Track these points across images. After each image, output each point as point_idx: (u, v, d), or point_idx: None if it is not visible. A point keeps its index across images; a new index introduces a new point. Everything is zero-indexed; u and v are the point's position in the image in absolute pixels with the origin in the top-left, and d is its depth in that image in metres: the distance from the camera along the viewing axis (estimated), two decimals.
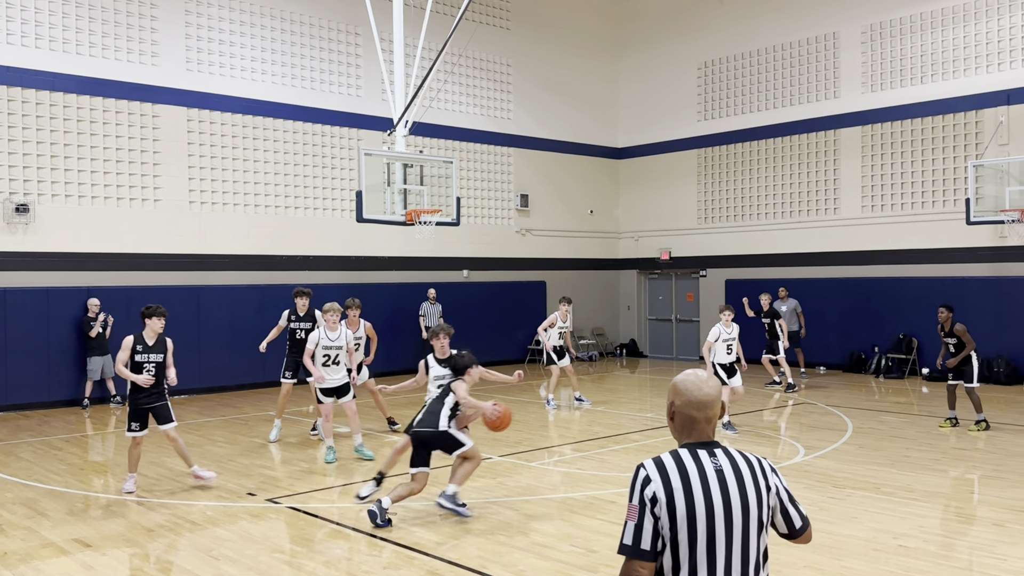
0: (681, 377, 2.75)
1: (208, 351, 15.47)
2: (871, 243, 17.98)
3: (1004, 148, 16.10)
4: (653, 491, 2.55)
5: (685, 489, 2.54)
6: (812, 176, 19.05)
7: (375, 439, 10.99)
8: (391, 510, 7.15)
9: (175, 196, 15.30)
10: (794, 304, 17.34)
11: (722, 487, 2.56)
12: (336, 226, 17.28)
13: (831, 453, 9.83)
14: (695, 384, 2.70)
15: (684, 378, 2.74)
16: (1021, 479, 8.45)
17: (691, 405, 2.68)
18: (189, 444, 10.74)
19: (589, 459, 9.73)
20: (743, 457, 2.65)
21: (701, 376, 2.73)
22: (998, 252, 16.23)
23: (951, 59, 16.86)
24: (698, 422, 2.68)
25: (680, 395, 2.70)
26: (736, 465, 2.62)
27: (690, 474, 2.56)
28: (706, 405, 2.68)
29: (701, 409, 2.68)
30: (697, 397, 2.68)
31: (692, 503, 2.53)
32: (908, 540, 6.53)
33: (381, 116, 17.24)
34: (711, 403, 2.68)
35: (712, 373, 10.63)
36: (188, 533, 6.95)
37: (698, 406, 2.68)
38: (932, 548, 6.36)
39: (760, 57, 19.86)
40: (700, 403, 2.68)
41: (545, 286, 20.94)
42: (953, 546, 6.45)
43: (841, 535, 6.65)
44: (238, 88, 16.10)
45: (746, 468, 2.63)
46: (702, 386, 2.70)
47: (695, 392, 2.69)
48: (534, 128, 20.85)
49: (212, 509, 7.67)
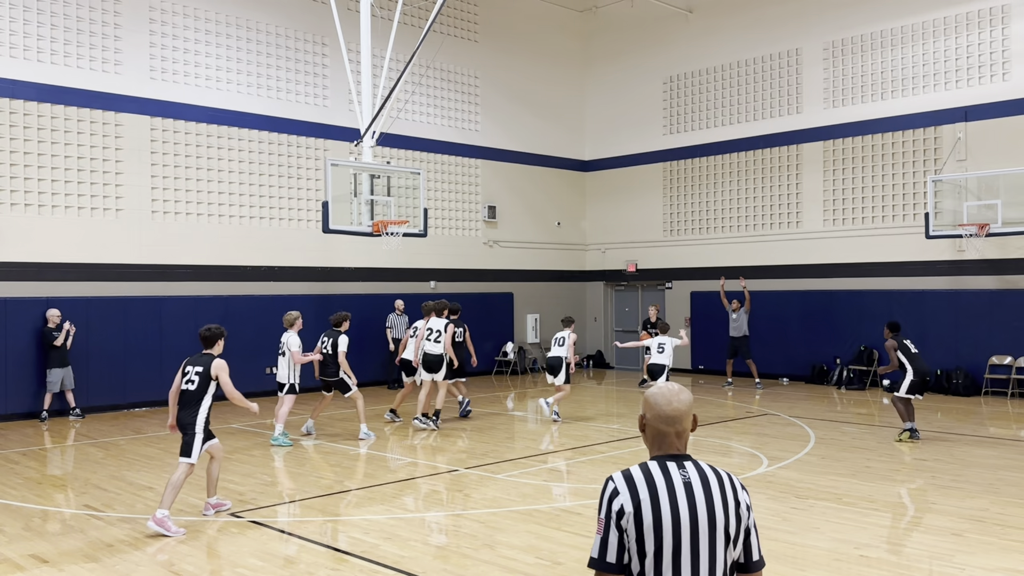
0: (653, 390, 2.78)
1: (170, 363, 15.22)
2: (833, 256, 18.27)
3: (962, 164, 16.46)
4: (620, 504, 2.57)
5: (652, 501, 2.56)
6: (775, 190, 19.33)
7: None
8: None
9: (137, 206, 15.11)
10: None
11: (689, 499, 2.58)
12: (302, 237, 17.17)
13: (793, 464, 9.95)
14: (665, 399, 2.72)
15: (655, 392, 2.76)
16: (978, 489, 8.62)
17: (660, 419, 2.71)
18: (149, 458, 10.60)
19: (555, 471, 9.74)
20: (713, 471, 2.68)
21: (672, 389, 2.75)
22: (956, 265, 16.58)
23: (911, 76, 17.23)
24: (668, 435, 2.71)
25: (650, 408, 2.73)
26: (705, 478, 2.64)
27: (658, 486, 2.59)
28: (675, 419, 2.70)
29: (670, 423, 2.70)
30: (666, 412, 2.71)
31: (659, 515, 2.55)
32: (869, 550, 6.63)
33: (348, 126, 17.20)
34: (680, 417, 2.71)
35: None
36: (148, 549, 6.84)
37: (667, 420, 2.70)
38: (892, 558, 6.46)
39: (724, 72, 20.14)
40: (669, 417, 2.70)
41: (512, 298, 20.98)
42: (913, 555, 6.55)
43: (803, 545, 6.73)
44: (203, 97, 15.96)
45: (715, 481, 2.65)
46: (672, 400, 2.72)
47: (664, 407, 2.71)
48: (502, 140, 20.93)
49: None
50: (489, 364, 20.39)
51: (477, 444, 11.52)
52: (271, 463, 10.24)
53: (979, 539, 6.88)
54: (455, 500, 8.51)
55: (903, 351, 11.39)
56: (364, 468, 10.39)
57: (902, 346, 11.42)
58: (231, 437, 12.05)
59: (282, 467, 10.13)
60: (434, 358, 12.30)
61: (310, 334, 16.93)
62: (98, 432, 12.60)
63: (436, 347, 12.30)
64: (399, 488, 8.94)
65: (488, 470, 9.79)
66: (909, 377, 11.28)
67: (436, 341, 12.33)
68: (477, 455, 10.72)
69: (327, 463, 10.33)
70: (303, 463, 10.33)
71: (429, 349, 12.35)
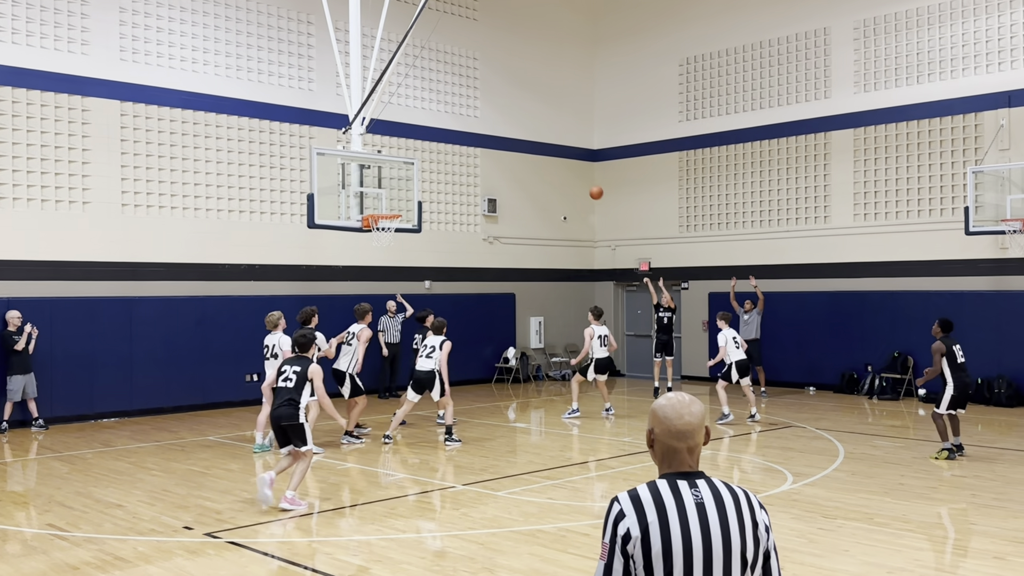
0: (661, 402, 2.73)
1: (141, 370, 15.29)
2: (863, 254, 18.26)
3: (1005, 153, 16.45)
4: (627, 527, 2.55)
5: (661, 524, 2.54)
6: (801, 182, 19.32)
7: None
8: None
9: (106, 198, 15.12)
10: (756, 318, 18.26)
11: (702, 522, 2.56)
12: (285, 232, 17.18)
13: (821, 480, 9.94)
14: (675, 412, 2.68)
15: (664, 404, 2.72)
16: (1022, 508, 8.60)
17: (671, 434, 2.67)
18: (118, 473, 10.60)
19: (561, 488, 9.74)
20: (728, 490, 2.65)
21: (683, 400, 2.70)
22: (999, 264, 16.56)
23: (949, 58, 17.22)
24: (679, 452, 2.67)
25: (659, 423, 2.69)
26: (720, 498, 2.62)
27: (668, 508, 2.57)
28: (687, 435, 2.66)
29: (682, 439, 2.67)
30: (677, 426, 2.67)
31: (668, 539, 2.53)
32: (902, 574, 6.62)
33: (335, 112, 17.21)
34: (692, 432, 2.67)
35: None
36: (117, 572, 6.85)
37: (678, 435, 2.67)
38: None
39: (746, 53, 20.13)
40: (680, 432, 2.67)
41: (514, 299, 20.98)
42: None
43: (831, 569, 6.72)
44: (177, 80, 15.97)
45: (731, 502, 2.62)
46: (683, 413, 2.67)
47: (675, 421, 2.67)
48: (503, 127, 20.93)
49: (144, 544, 7.56)
50: (489, 371, 20.39)
51: (476, 459, 11.51)
52: (251, 478, 10.24)
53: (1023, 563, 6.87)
54: (451, 519, 8.50)
55: (949, 358, 10.97)
56: (353, 484, 10.38)
57: (950, 352, 10.99)
58: (207, 449, 12.06)
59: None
60: (426, 375, 12.31)
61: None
62: (63, 444, 12.61)
63: (428, 363, 12.32)
64: (391, 506, 8.94)
65: (487, 487, 9.78)
66: (949, 392, 10.94)
67: (429, 356, 12.36)
68: (475, 470, 10.71)
69: (312, 479, 10.32)
70: (286, 479, 10.32)
71: (421, 365, 12.39)
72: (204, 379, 15.91)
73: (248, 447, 12.32)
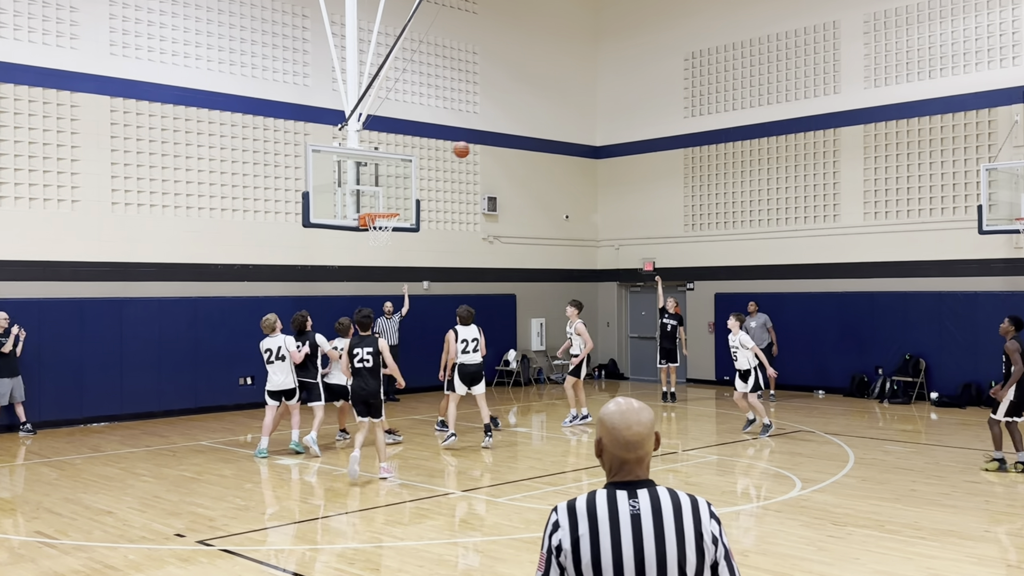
0: (611, 408, 2.68)
1: (132, 372, 15.29)
2: (874, 254, 18.25)
3: (1019, 150, 16.45)
4: (559, 538, 2.57)
5: (592, 536, 2.53)
6: (810, 180, 19.32)
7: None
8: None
9: (96, 196, 15.13)
10: (764, 319, 18.22)
11: (635, 535, 2.52)
12: (280, 231, 17.18)
13: (830, 487, 9.93)
14: (623, 421, 2.63)
15: (612, 412, 2.66)
16: None
17: (618, 445, 2.62)
18: (108, 479, 10.60)
19: (564, 493, 9.74)
20: (673, 500, 2.59)
21: (632, 408, 2.65)
22: (1013, 264, 16.55)
23: (962, 52, 17.22)
24: (627, 462, 2.63)
25: (607, 433, 2.65)
26: (659, 509, 2.57)
27: (599, 519, 2.55)
28: (635, 445, 2.62)
29: (630, 449, 2.62)
30: (625, 436, 2.62)
31: (598, 551, 2.51)
32: None
33: (331, 108, 17.20)
34: (641, 442, 2.62)
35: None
36: None
37: (626, 446, 2.62)
38: None
39: (753, 48, 20.13)
40: (628, 443, 2.62)
41: (515, 300, 20.98)
42: None
43: None
44: (169, 75, 15.98)
45: (670, 513, 2.57)
46: (631, 423, 2.62)
47: (623, 431, 2.62)
48: (503, 123, 20.93)
49: (135, 552, 7.56)
50: (489, 374, 20.38)
51: (476, 464, 11.51)
52: (245, 484, 10.24)
53: None
54: (451, 527, 8.50)
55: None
56: (350, 491, 10.39)
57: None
58: (199, 455, 12.06)
59: (257, 489, 10.12)
60: (476, 368, 12.67)
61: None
62: (51, 449, 12.61)
63: (476, 356, 12.68)
64: (388, 513, 8.94)
65: (488, 493, 9.78)
66: (1010, 396, 10.38)
67: (475, 350, 12.67)
68: (474, 477, 10.71)
69: (308, 485, 10.32)
70: (281, 485, 10.33)
71: (470, 360, 12.59)
72: (196, 382, 15.92)
73: (242, 452, 12.32)
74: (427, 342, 19.03)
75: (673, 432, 14.26)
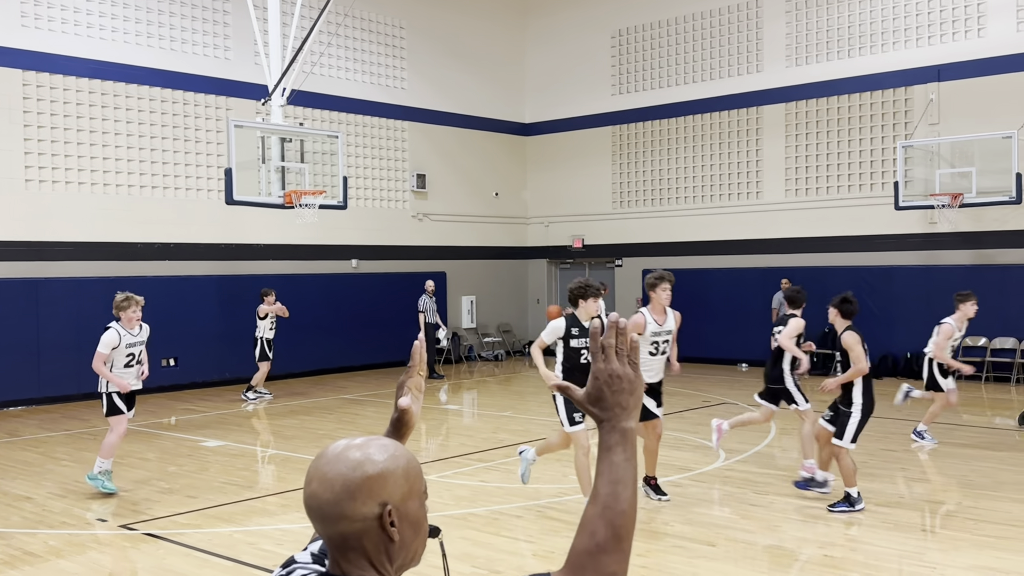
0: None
1: (49, 355, 14.85)
2: (795, 230, 18.66)
3: (934, 128, 16.93)
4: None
5: None
6: (734, 157, 19.62)
7: None
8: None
9: (7, 174, 14.59)
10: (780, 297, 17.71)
11: None
12: (202, 209, 16.82)
13: (752, 457, 10.18)
14: (312, 472, 1.72)
15: (317, 457, 1.77)
16: (951, 481, 8.92)
17: (306, 506, 1.73)
18: (26, 464, 10.31)
19: (494, 470, 9.79)
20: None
21: (333, 453, 1.73)
22: (928, 239, 17.09)
23: (880, 31, 17.62)
24: (327, 539, 1.74)
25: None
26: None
27: None
28: (314, 514, 1.71)
29: (314, 517, 1.72)
30: (305, 495, 1.72)
31: None
32: (834, 549, 6.83)
33: (254, 83, 16.83)
34: (321, 511, 1.70)
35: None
36: (27, 567, 6.67)
37: (307, 510, 1.72)
38: (858, 557, 6.67)
39: (678, 26, 20.30)
40: (307, 507, 1.72)
41: (446, 277, 20.92)
42: (881, 554, 6.77)
43: (763, 545, 6.89)
44: (84, 48, 15.45)
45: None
46: (313, 477, 1.71)
47: (305, 487, 1.73)
48: (431, 100, 20.77)
49: (55, 538, 7.38)
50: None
51: (407, 442, 11.49)
52: (168, 467, 10.07)
53: (951, 535, 7.15)
54: None
55: None
56: (276, 471, 10.29)
57: None
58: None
59: (182, 472, 9.96)
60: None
61: (212, 316, 16.72)
62: None
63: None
64: None
65: None
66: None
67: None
68: None
69: (233, 466, 10.19)
70: (206, 467, 10.18)
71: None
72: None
73: (165, 435, 12.08)
74: (358, 321, 18.93)
75: None
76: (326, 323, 18.06)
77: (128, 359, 9.01)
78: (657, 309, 8.40)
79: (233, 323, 16.56)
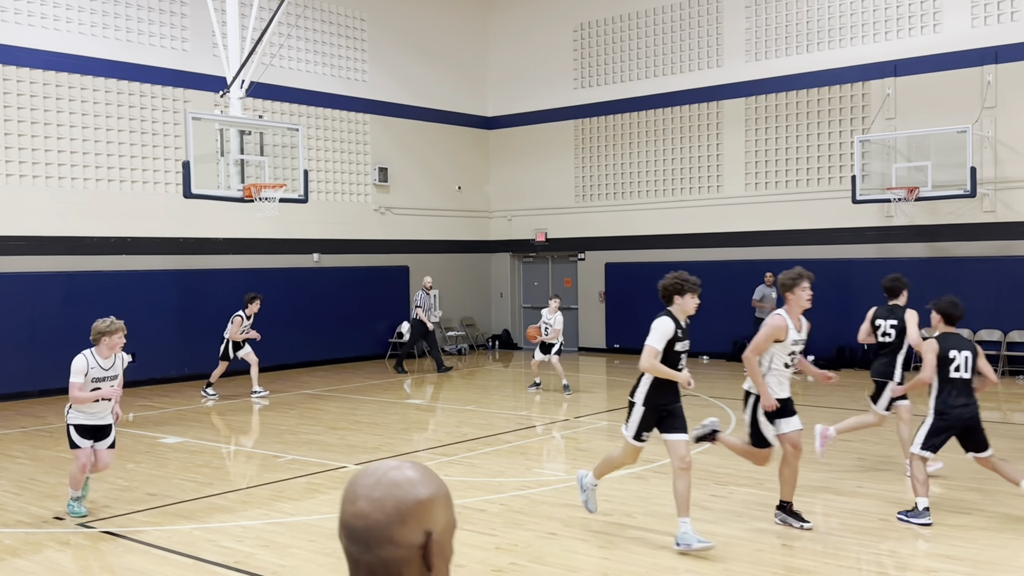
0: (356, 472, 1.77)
1: (3, 351, 14.59)
2: (754, 223, 18.84)
3: (891, 122, 17.19)
4: None
5: None
6: (695, 151, 19.76)
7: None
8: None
9: None
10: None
11: None
12: (160, 203, 16.59)
13: (713, 448, 10.25)
14: (349, 493, 1.72)
15: (353, 477, 1.76)
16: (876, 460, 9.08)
17: (342, 531, 1.72)
18: None
19: (457, 464, 9.79)
20: None
21: (376, 473, 1.71)
22: (884, 232, 17.35)
23: (838, 27, 17.83)
24: (357, 567, 1.70)
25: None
26: None
27: None
28: (355, 536, 1.69)
29: (352, 541, 1.69)
30: (343, 519, 1.71)
31: None
32: (793, 540, 6.92)
33: (212, 74, 16.63)
34: (366, 533, 1.67)
35: None
36: None
37: (344, 535, 1.71)
38: (817, 547, 6.77)
39: (640, 20, 20.38)
40: (345, 529, 1.70)
41: (408, 271, 20.86)
42: (837, 541, 6.87)
43: (723, 535, 6.97)
44: (38, 39, 15.16)
45: None
46: (358, 496, 1.69)
47: (345, 507, 1.72)
48: (393, 93, 20.66)
49: (11, 537, 7.26)
50: (382, 347, 20.26)
51: (369, 437, 11.46)
52: (128, 464, 9.94)
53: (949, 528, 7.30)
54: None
55: None
56: (236, 468, 10.20)
57: None
58: None
59: (139, 469, 9.84)
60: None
61: (170, 312, 16.54)
62: None
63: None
64: (278, 489, 8.81)
65: None
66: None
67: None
68: (368, 449, 10.66)
69: (193, 463, 10.09)
70: (165, 464, 10.06)
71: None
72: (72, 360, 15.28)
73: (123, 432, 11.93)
74: (321, 316, 18.83)
75: (569, 399, 14.41)
76: (287, 318, 17.92)
77: (93, 389, 7.95)
78: (795, 313, 7.32)
79: (191, 318, 16.39)
